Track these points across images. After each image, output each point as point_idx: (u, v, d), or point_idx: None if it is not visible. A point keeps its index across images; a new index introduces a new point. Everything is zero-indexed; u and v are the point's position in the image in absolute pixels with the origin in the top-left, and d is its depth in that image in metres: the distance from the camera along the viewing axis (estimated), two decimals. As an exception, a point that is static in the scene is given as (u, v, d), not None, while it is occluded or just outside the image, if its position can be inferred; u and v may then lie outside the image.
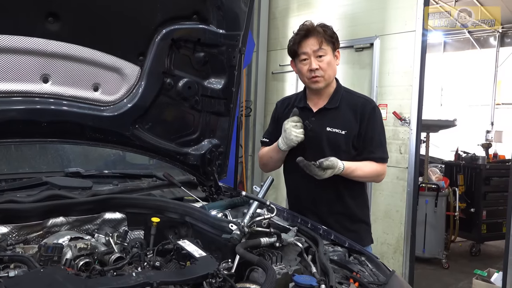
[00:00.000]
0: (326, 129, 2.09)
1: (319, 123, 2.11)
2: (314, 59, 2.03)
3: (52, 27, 1.57)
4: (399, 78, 4.01)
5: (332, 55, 2.07)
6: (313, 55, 2.03)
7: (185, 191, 2.00)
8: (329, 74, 2.07)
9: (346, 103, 2.12)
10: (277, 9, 5.34)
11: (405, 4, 3.95)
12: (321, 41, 2.02)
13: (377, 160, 2.09)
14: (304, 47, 2.04)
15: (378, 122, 2.12)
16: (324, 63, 2.04)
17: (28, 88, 1.62)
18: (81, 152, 2.26)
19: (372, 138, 2.09)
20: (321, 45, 2.02)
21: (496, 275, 3.96)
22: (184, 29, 1.87)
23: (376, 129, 2.11)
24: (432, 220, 5.08)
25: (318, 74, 2.05)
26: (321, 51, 2.02)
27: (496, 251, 5.74)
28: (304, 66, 2.07)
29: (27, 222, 1.46)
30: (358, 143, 2.08)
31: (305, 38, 2.04)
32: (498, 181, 5.58)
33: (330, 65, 2.06)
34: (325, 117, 2.11)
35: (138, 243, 1.49)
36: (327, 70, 2.05)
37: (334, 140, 2.07)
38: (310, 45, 2.03)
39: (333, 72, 2.10)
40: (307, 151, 2.08)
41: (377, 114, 2.13)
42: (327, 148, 2.06)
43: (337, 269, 1.51)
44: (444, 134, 6.67)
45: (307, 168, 1.93)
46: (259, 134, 5.50)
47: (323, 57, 2.03)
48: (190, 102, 2.03)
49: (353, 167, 2.01)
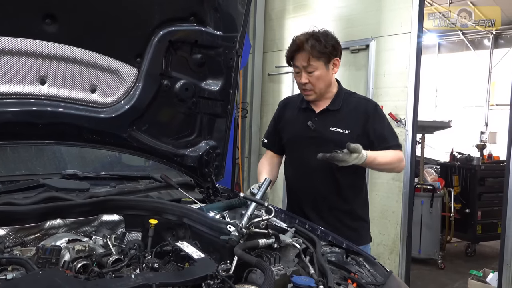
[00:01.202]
0: (330, 129, 2.13)
1: (322, 123, 2.16)
2: (304, 74, 2.08)
3: (50, 28, 1.57)
4: (395, 80, 4.03)
5: (325, 68, 2.09)
6: (303, 70, 2.08)
7: (183, 192, 2.00)
8: (320, 87, 2.11)
9: (348, 105, 2.17)
10: (273, 11, 5.35)
11: (401, 5, 3.97)
12: (308, 58, 2.04)
13: (394, 147, 2.12)
14: (296, 60, 2.10)
15: (383, 117, 2.19)
16: (313, 78, 2.08)
17: (25, 90, 1.61)
18: (78, 154, 2.25)
19: (382, 133, 2.13)
20: (309, 62, 2.05)
21: (491, 275, 3.98)
22: (181, 31, 1.88)
23: (383, 124, 2.17)
24: (427, 220, 5.10)
25: (308, 88, 2.11)
26: (310, 67, 2.06)
27: (491, 252, 5.78)
28: (297, 77, 2.14)
29: (25, 224, 1.46)
30: (366, 141, 2.09)
31: (295, 52, 2.08)
32: (493, 182, 5.62)
33: (320, 78, 2.09)
34: (328, 118, 2.16)
35: (136, 245, 1.49)
36: (317, 84, 2.09)
37: (339, 139, 2.09)
38: (300, 60, 2.07)
39: (326, 84, 2.13)
40: (309, 151, 2.10)
41: (380, 111, 2.20)
42: (330, 147, 2.04)
43: (335, 270, 1.51)
44: (439, 135, 6.71)
45: (332, 159, 1.92)
46: (256, 136, 5.51)
47: (313, 73, 2.07)
48: (187, 103, 2.03)
49: (374, 155, 2.01)
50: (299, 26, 4.96)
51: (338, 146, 2.05)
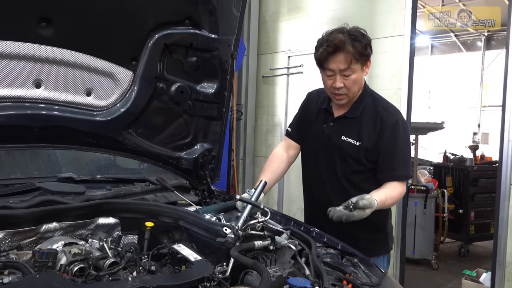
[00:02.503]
0: (341, 138, 1.98)
1: (336, 130, 2.01)
2: (339, 77, 1.88)
3: (45, 32, 1.57)
4: (388, 82, 4.06)
5: (361, 71, 1.90)
6: (339, 73, 1.87)
7: (179, 195, 2.01)
8: (354, 91, 1.93)
9: (368, 113, 1.98)
10: (267, 13, 5.37)
11: (394, 8, 4.00)
12: (350, 60, 1.83)
13: (400, 178, 1.96)
14: (331, 63, 1.86)
15: (401, 137, 1.96)
16: (350, 81, 1.88)
17: (21, 93, 1.61)
18: (73, 157, 2.25)
19: (393, 154, 1.94)
20: (350, 65, 1.84)
21: (484, 275, 4.02)
22: (176, 34, 1.89)
23: (398, 144, 1.95)
24: (421, 221, 5.14)
25: (342, 92, 1.91)
26: (349, 70, 1.86)
27: (484, 252, 5.82)
28: (329, 80, 1.92)
29: (20, 228, 1.45)
30: (376, 157, 1.95)
31: (333, 54, 1.84)
32: (485, 182, 5.66)
33: (356, 82, 1.90)
34: (343, 125, 2.01)
35: (133, 247, 1.49)
36: (352, 88, 1.91)
37: (347, 150, 1.97)
38: (338, 62, 1.84)
39: (359, 87, 1.96)
40: (319, 155, 2.05)
41: (400, 128, 1.96)
42: (337, 156, 1.99)
43: (330, 271, 1.52)
44: (432, 136, 6.76)
45: (348, 220, 1.72)
46: (250, 138, 5.52)
47: (350, 76, 1.87)
48: (182, 106, 2.04)
49: (383, 198, 1.85)
50: (293, 28, 5.00)
51: (344, 156, 1.96)
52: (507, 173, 3.22)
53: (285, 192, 5.11)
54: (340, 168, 2.01)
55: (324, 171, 2.06)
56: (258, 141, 5.52)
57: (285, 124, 5.05)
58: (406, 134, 2.00)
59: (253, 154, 5.56)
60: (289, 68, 5.07)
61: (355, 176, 2.00)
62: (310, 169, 2.15)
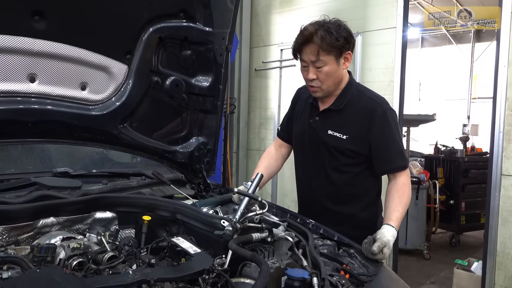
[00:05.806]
0: (328, 132, 1.96)
1: (321, 124, 2.00)
2: (312, 69, 1.87)
3: (38, 25, 1.56)
4: (381, 74, 4.08)
5: (335, 63, 1.87)
6: (311, 64, 1.87)
7: (175, 189, 2.01)
8: (328, 84, 1.91)
9: (353, 105, 1.96)
10: (259, 6, 5.35)
11: (386, 0, 4.01)
12: (317, 51, 1.82)
13: (399, 169, 1.93)
14: (303, 54, 1.88)
15: (392, 127, 1.93)
16: (322, 73, 1.87)
17: (15, 88, 1.60)
18: (68, 151, 2.24)
19: (388, 147, 1.93)
20: (318, 56, 1.84)
21: (476, 264, 4.07)
22: (171, 27, 1.88)
23: (391, 135, 1.93)
24: (413, 212, 5.19)
25: (315, 85, 1.91)
26: (319, 62, 1.85)
27: (475, 241, 5.91)
28: (304, 72, 1.93)
29: (17, 223, 1.44)
30: (367, 150, 1.93)
31: (303, 45, 1.86)
32: (476, 173, 5.72)
33: (329, 75, 1.88)
34: (329, 118, 1.99)
35: (131, 241, 1.50)
36: (326, 81, 1.89)
37: (334, 145, 1.95)
38: (308, 53, 1.85)
39: (335, 81, 1.92)
40: (307, 151, 2.05)
41: (389, 118, 1.94)
42: (326, 152, 1.98)
43: (327, 262, 1.54)
44: (423, 128, 6.81)
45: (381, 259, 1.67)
46: (243, 131, 5.52)
47: (321, 68, 1.86)
48: (177, 100, 2.04)
49: (399, 216, 1.84)
50: (285, 21, 4.99)
51: (333, 151, 1.94)
52: (497, 163, 3.26)
53: (279, 186, 5.13)
54: (329, 163, 1.99)
55: (311, 167, 2.05)
56: (251, 134, 5.52)
57: (278, 117, 5.05)
58: (395, 122, 1.98)
59: (247, 147, 5.57)
60: (282, 61, 5.06)
61: (344, 171, 1.98)
62: (299, 166, 2.14)
